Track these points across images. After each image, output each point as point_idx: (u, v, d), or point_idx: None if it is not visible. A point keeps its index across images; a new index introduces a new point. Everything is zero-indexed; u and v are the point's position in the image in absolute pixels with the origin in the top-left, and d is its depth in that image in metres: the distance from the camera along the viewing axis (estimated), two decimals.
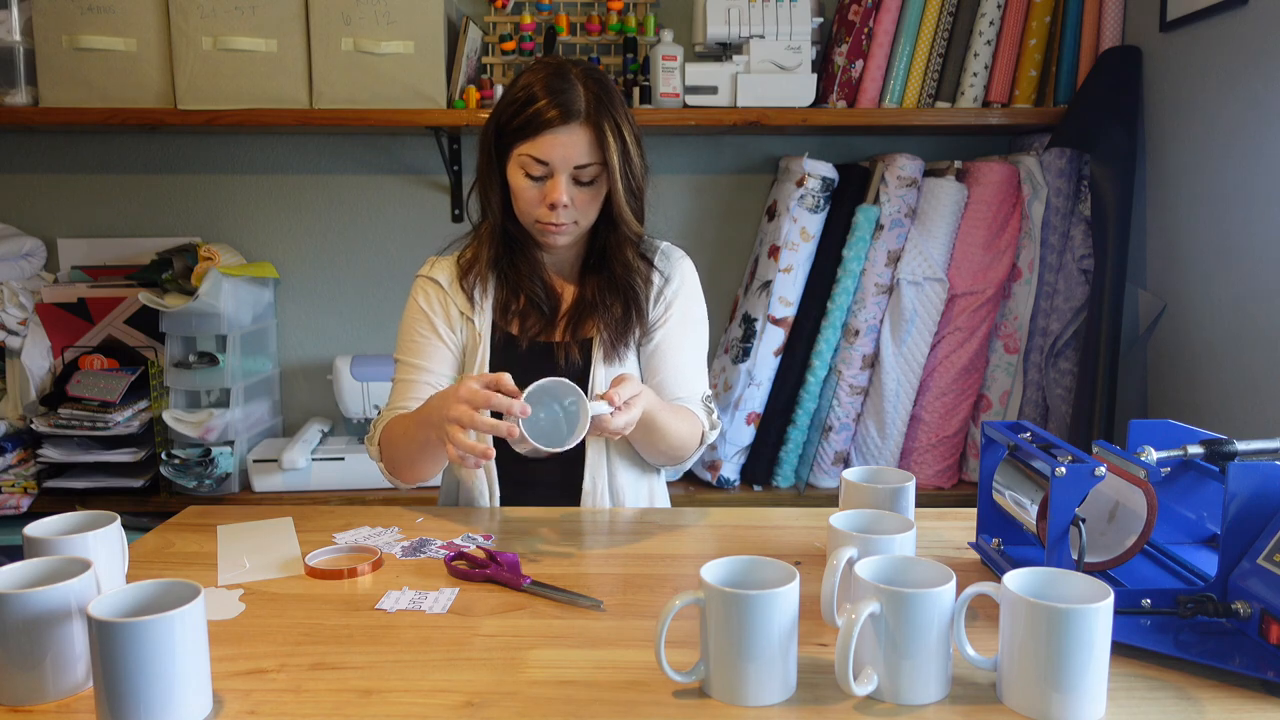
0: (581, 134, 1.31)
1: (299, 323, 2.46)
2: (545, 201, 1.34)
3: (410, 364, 1.44)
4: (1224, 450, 1.01)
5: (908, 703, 0.84)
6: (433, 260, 1.51)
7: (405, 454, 1.35)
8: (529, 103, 1.31)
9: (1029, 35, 2.19)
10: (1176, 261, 1.98)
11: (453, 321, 1.45)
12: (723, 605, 0.84)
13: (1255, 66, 1.73)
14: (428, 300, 1.46)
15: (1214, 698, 0.86)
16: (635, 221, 1.40)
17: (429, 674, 0.91)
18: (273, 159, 2.39)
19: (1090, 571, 0.92)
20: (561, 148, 1.31)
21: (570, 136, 1.31)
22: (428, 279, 1.47)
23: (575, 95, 1.31)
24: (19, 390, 2.14)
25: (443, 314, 1.45)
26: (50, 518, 1.03)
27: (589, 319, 1.43)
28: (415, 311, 1.47)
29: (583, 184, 1.34)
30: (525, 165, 1.33)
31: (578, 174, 1.33)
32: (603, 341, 1.42)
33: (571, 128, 1.31)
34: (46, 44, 2.06)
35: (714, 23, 2.13)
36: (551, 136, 1.30)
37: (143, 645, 0.79)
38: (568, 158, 1.32)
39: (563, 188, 1.32)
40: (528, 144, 1.32)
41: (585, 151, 1.32)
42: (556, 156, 1.31)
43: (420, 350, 1.44)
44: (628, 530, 1.32)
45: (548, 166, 1.32)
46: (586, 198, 1.35)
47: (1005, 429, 1.12)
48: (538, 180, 1.34)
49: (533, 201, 1.35)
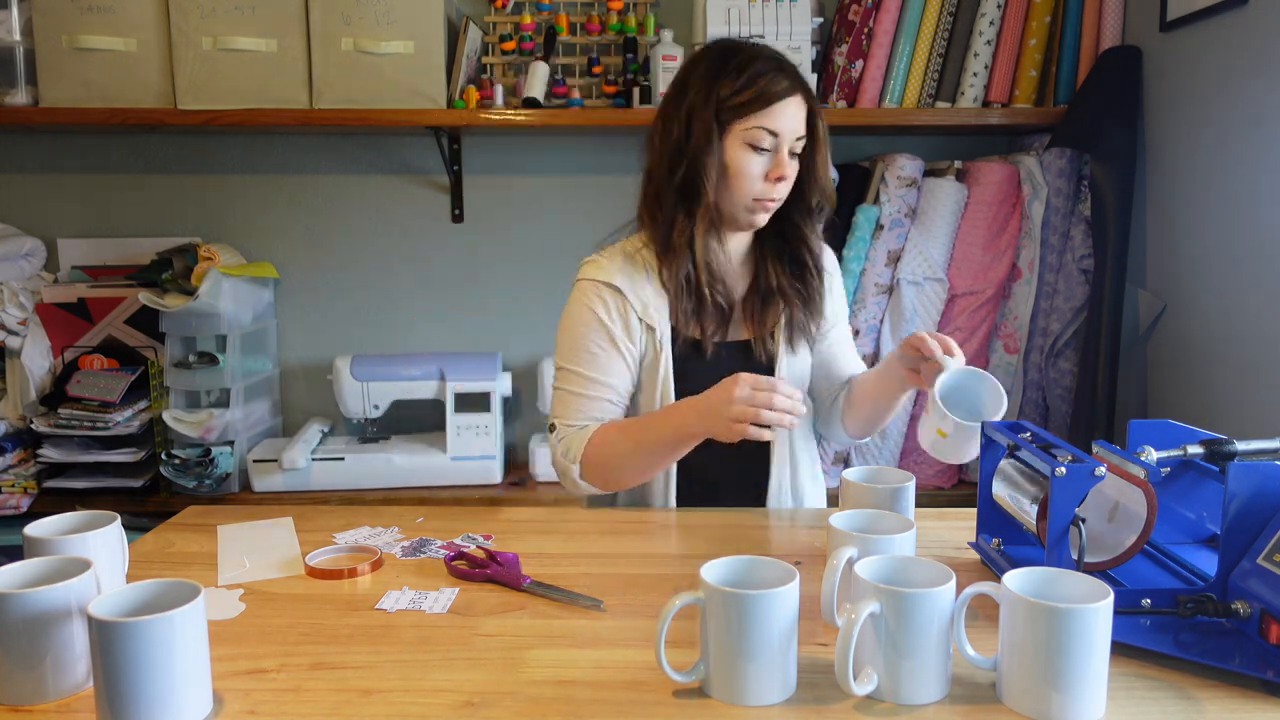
0: (800, 106, 1.33)
1: (299, 323, 2.46)
2: (773, 175, 1.33)
3: (587, 377, 1.37)
4: (1224, 450, 1.01)
5: (908, 703, 0.84)
6: (596, 261, 1.42)
7: (629, 465, 1.33)
8: (757, 76, 1.31)
9: (1029, 35, 2.19)
10: (1176, 261, 1.98)
11: (632, 331, 1.38)
12: (723, 605, 0.84)
13: (1255, 66, 1.73)
14: (606, 310, 1.38)
15: (1214, 697, 0.86)
16: (833, 195, 1.42)
17: (429, 674, 0.91)
18: (273, 159, 2.39)
19: (1090, 571, 0.92)
20: (789, 118, 1.32)
21: (797, 108, 1.33)
22: (604, 285, 1.39)
23: (787, 69, 1.33)
24: (19, 390, 2.14)
25: (622, 324, 1.38)
26: (50, 518, 1.03)
27: (773, 306, 1.42)
28: (590, 321, 1.38)
29: (794, 155, 1.35)
30: (754, 139, 1.32)
31: (795, 146, 1.34)
32: (787, 330, 1.42)
33: (797, 99, 1.32)
34: (46, 44, 2.06)
35: (714, 23, 2.13)
36: (783, 106, 1.31)
37: (143, 645, 0.79)
38: (794, 128, 1.33)
39: (787, 160, 1.33)
40: (758, 116, 1.31)
41: (803, 123, 1.34)
42: (788, 127, 1.32)
43: (595, 363, 1.37)
44: (628, 530, 1.32)
45: (777, 138, 1.32)
46: (794, 171, 1.36)
47: (1005, 429, 1.12)
48: (763, 153, 1.33)
49: (756, 177, 1.33)
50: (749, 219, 1.38)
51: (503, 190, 2.42)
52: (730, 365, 1.34)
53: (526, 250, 2.44)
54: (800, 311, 1.42)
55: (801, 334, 1.43)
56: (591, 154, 2.41)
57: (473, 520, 1.34)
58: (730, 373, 1.25)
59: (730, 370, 1.27)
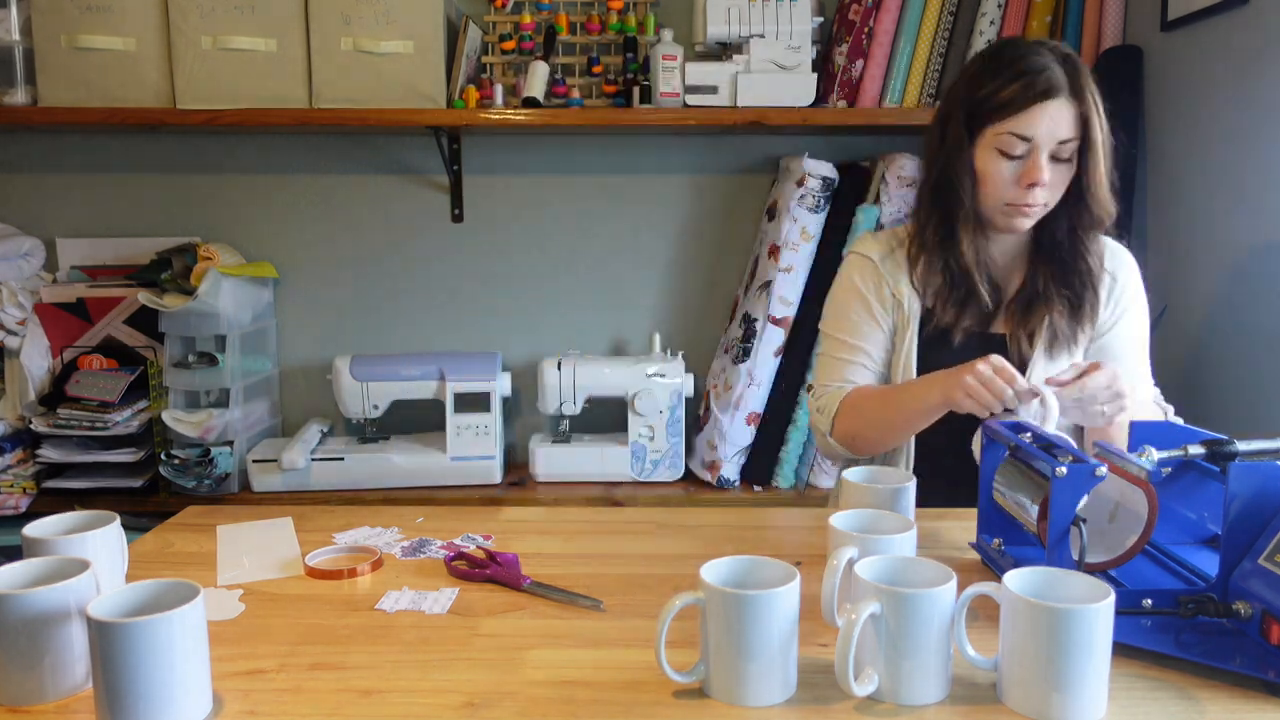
0: (1066, 108, 1.29)
1: (298, 323, 2.46)
2: (1024, 181, 1.31)
3: (845, 342, 1.46)
4: (1225, 450, 1.01)
5: (908, 703, 0.84)
6: (864, 238, 1.51)
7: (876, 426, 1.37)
8: (1012, 79, 1.30)
9: (1029, 35, 2.18)
10: (1176, 261, 1.98)
11: (885, 302, 1.45)
12: (723, 605, 0.84)
13: (1255, 66, 1.73)
14: (863, 278, 1.46)
15: (1215, 698, 0.86)
16: (1112, 202, 1.36)
17: (429, 674, 0.91)
18: (272, 159, 2.39)
19: (1091, 572, 0.91)
20: (1048, 122, 1.29)
21: (1057, 111, 1.29)
22: (862, 256, 1.47)
23: (1056, 70, 1.30)
24: (18, 390, 2.14)
25: (876, 293, 1.45)
26: (49, 518, 1.02)
27: (1038, 309, 1.40)
28: (850, 289, 1.47)
29: (1060, 161, 1.32)
30: (1004, 144, 1.31)
31: (1058, 150, 1.31)
32: (1049, 335, 1.39)
33: (1058, 102, 1.29)
34: (46, 43, 2.06)
35: (714, 22, 2.13)
36: (1039, 110, 1.29)
37: (142, 645, 0.79)
38: (1053, 132, 1.29)
39: (1043, 165, 1.30)
40: (1010, 120, 1.30)
41: (1068, 126, 1.30)
42: (1042, 131, 1.29)
43: (856, 330, 1.45)
44: (628, 530, 1.32)
45: (1030, 143, 1.30)
46: (1060, 177, 1.33)
47: (1006, 429, 1.12)
48: (1016, 159, 1.32)
49: (1006, 182, 1.33)
50: (1006, 223, 1.37)
51: (503, 190, 2.42)
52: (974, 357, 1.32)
53: (526, 250, 2.44)
54: (1065, 320, 1.39)
55: (1065, 342, 1.40)
56: (591, 154, 2.41)
57: (473, 520, 1.34)
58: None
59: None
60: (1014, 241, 1.43)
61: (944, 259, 1.41)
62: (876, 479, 1.20)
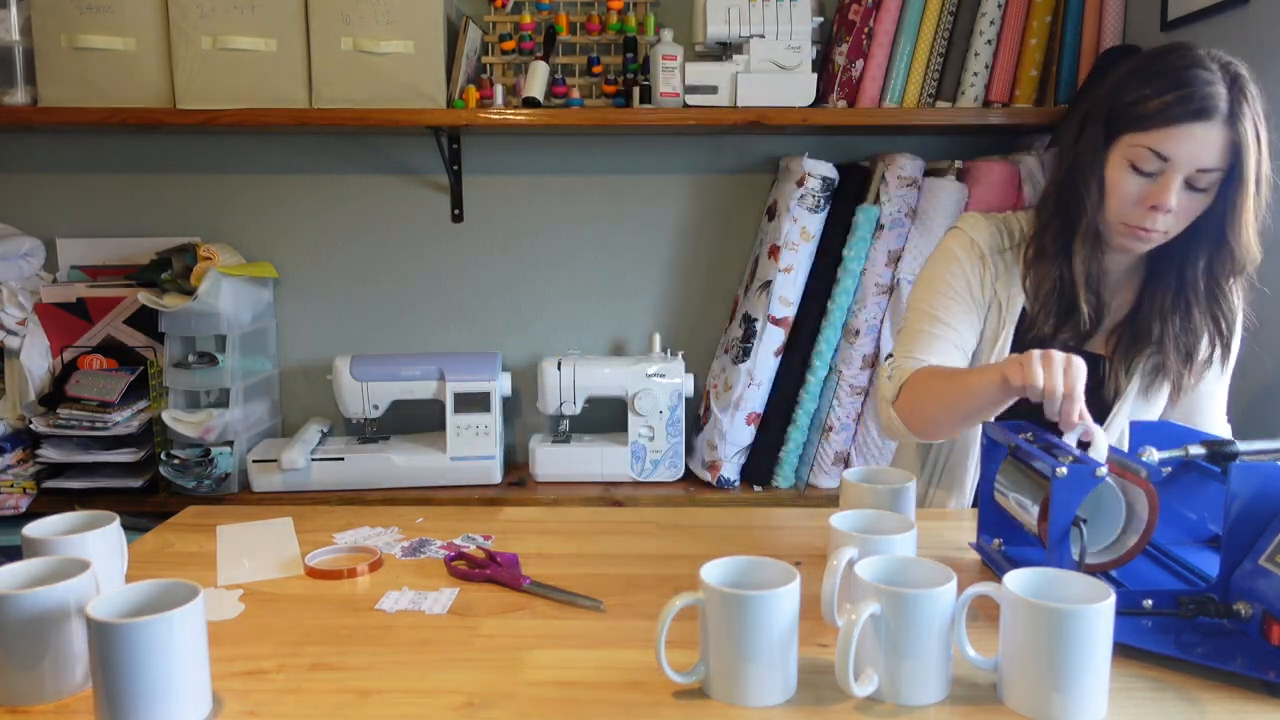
0: (1217, 134, 1.17)
1: (298, 323, 2.46)
2: (1148, 202, 1.21)
3: (936, 317, 1.36)
4: (1225, 451, 1.01)
5: (908, 703, 0.84)
6: (976, 217, 1.41)
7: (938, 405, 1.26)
8: (1164, 90, 1.18)
9: (1029, 35, 2.18)
10: None
11: (984, 291, 1.36)
12: (723, 605, 0.84)
13: (1255, 66, 1.72)
14: (969, 260, 1.37)
15: (1215, 698, 0.85)
16: (1255, 248, 1.24)
17: (429, 674, 0.91)
18: (272, 159, 2.39)
19: (1091, 572, 0.91)
20: (1193, 144, 1.17)
21: (1205, 134, 1.16)
22: (970, 239, 1.38)
23: (1217, 90, 1.16)
24: (18, 390, 2.14)
25: (978, 279, 1.36)
26: (49, 518, 1.02)
27: (1144, 342, 1.31)
28: (953, 264, 1.37)
29: (1196, 190, 1.20)
30: (1138, 158, 1.20)
31: (1195, 178, 1.19)
32: (1151, 373, 1.31)
33: (1209, 125, 1.16)
34: (45, 43, 2.06)
35: (714, 22, 2.13)
36: (1185, 130, 1.17)
37: (142, 646, 0.79)
38: (1195, 156, 1.17)
39: (1174, 190, 1.19)
40: (1150, 135, 1.18)
41: (1216, 155, 1.17)
42: (1183, 154, 1.17)
43: (950, 307, 1.36)
44: (628, 530, 1.32)
45: (1166, 163, 1.18)
46: (1193, 207, 1.21)
47: (1006, 429, 1.12)
48: (1147, 176, 1.21)
49: (1131, 199, 1.22)
50: (1120, 242, 1.27)
51: (503, 190, 2.42)
52: None
53: (526, 250, 2.44)
54: (1174, 361, 1.31)
55: (1165, 381, 1.32)
56: (591, 154, 2.41)
57: (473, 520, 1.34)
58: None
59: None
60: (1131, 258, 1.33)
61: (1057, 267, 1.31)
62: (876, 479, 1.20)
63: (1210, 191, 1.21)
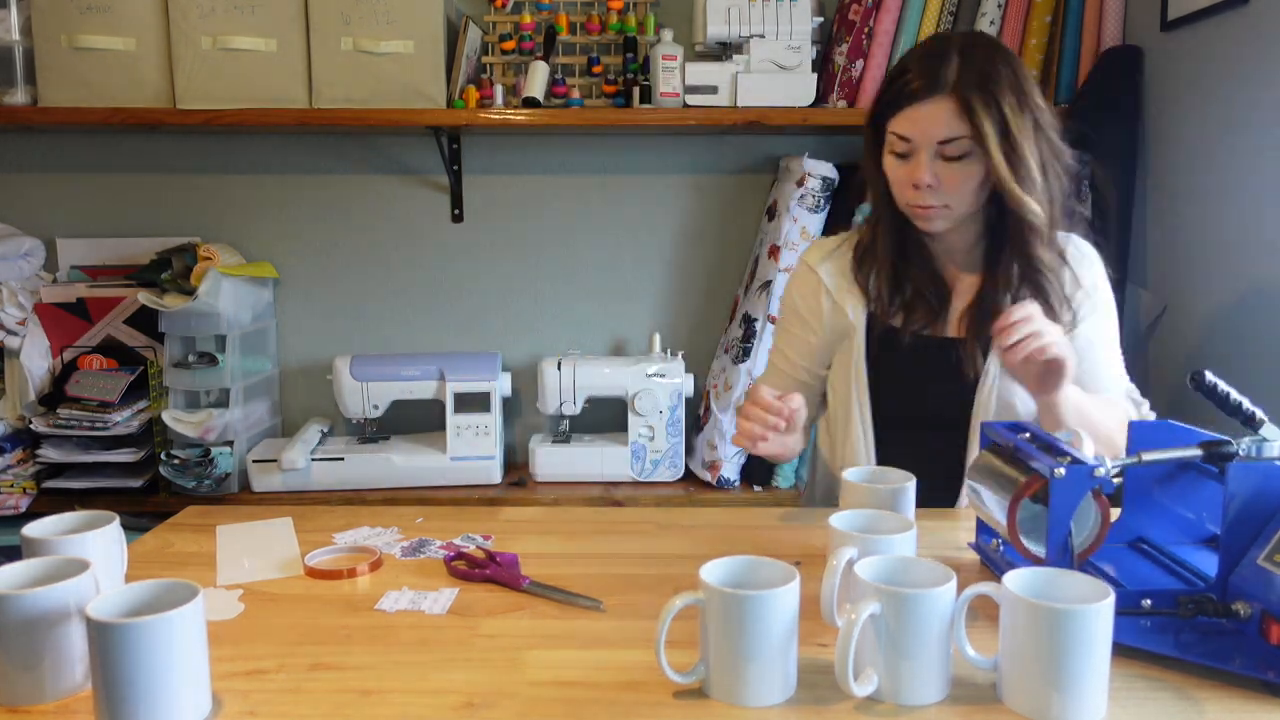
0: (946, 106, 1.23)
1: (299, 323, 2.46)
2: (910, 182, 1.28)
3: (777, 348, 1.50)
4: (1223, 451, 1.01)
5: (908, 703, 0.84)
6: (819, 242, 1.50)
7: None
8: (898, 76, 1.27)
9: (1029, 35, 2.18)
10: (1176, 261, 1.98)
11: (820, 310, 1.43)
12: (723, 605, 0.84)
13: (1255, 66, 1.73)
14: (800, 286, 1.47)
15: (1214, 698, 0.86)
16: (1032, 203, 1.26)
17: (429, 674, 0.91)
18: (272, 159, 2.39)
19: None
20: (923, 121, 1.24)
21: (933, 109, 1.24)
22: (803, 263, 1.48)
23: (944, 68, 1.24)
24: (18, 390, 2.14)
25: (809, 302, 1.44)
26: (49, 518, 1.02)
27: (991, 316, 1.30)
28: (788, 297, 1.49)
29: (951, 160, 1.26)
30: (893, 145, 1.29)
31: (943, 149, 1.25)
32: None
33: (936, 101, 1.23)
34: (46, 43, 2.06)
35: (714, 22, 2.13)
36: (913, 110, 1.25)
37: (141, 646, 0.79)
38: (929, 132, 1.24)
39: (925, 165, 1.26)
40: (893, 121, 1.27)
41: (948, 125, 1.24)
42: (917, 131, 1.25)
43: (785, 337, 1.48)
44: (628, 530, 1.32)
45: (910, 143, 1.27)
46: (958, 177, 1.26)
47: (1005, 429, 1.12)
48: (903, 158, 1.29)
49: (901, 182, 1.30)
50: (915, 223, 1.33)
51: (503, 190, 2.42)
52: (927, 358, 1.34)
53: (526, 250, 2.44)
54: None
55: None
56: (591, 154, 2.41)
57: (473, 520, 1.34)
58: (925, 365, 1.29)
59: (925, 363, 1.31)
60: (965, 241, 1.38)
61: (888, 262, 1.38)
62: (876, 479, 1.20)
63: (970, 158, 1.26)
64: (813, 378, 1.46)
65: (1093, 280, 1.39)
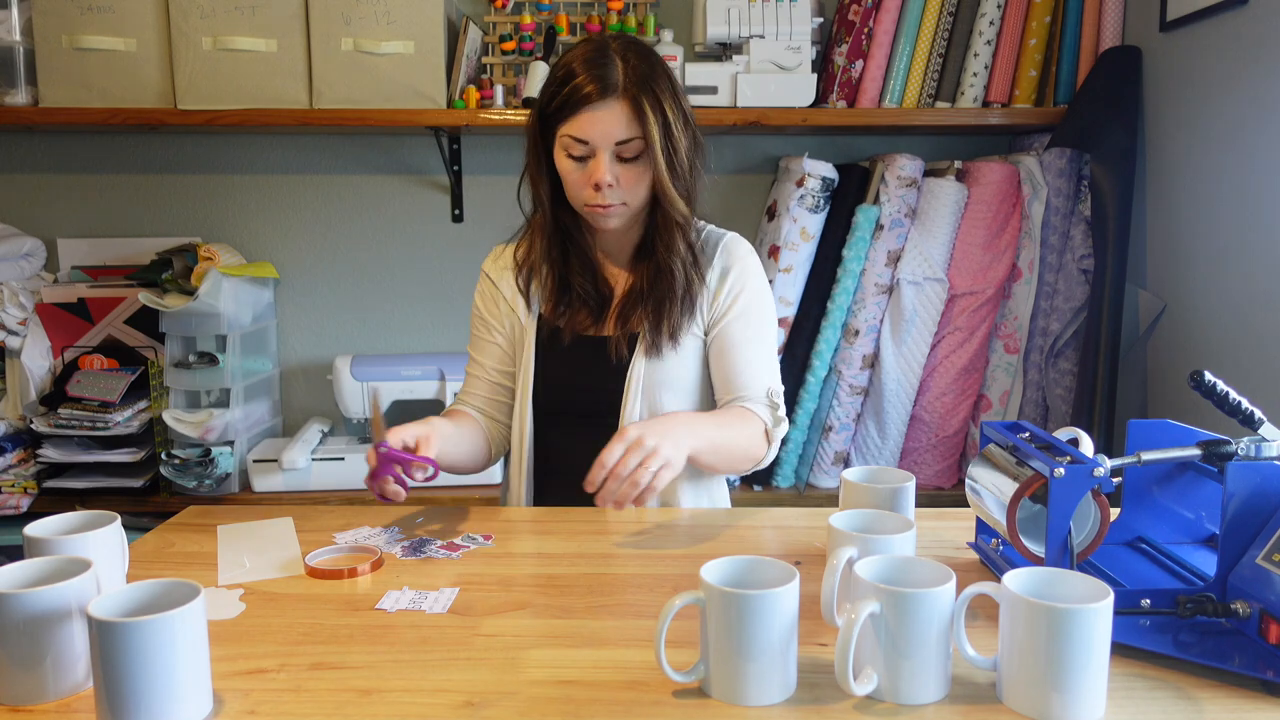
0: (620, 108, 1.29)
1: (299, 323, 2.46)
2: (590, 182, 1.31)
3: (471, 356, 1.51)
4: (1222, 450, 1.01)
5: (908, 703, 0.84)
6: (498, 249, 1.52)
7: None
8: (567, 81, 1.30)
9: (1029, 35, 2.19)
10: (1176, 261, 1.98)
11: (501, 316, 1.48)
12: (723, 605, 0.84)
13: (1255, 66, 1.73)
14: (481, 295, 1.50)
15: (1213, 698, 0.86)
16: (680, 201, 1.35)
17: (429, 674, 0.91)
18: (273, 159, 2.39)
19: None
20: (601, 124, 1.29)
21: (609, 112, 1.28)
22: (482, 271, 1.51)
23: (612, 69, 1.29)
24: (19, 390, 2.14)
25: (490, 308, 1.48)
26: (50, 518, 1.03)
27: (637, 311, 1.41)
28: (475, 304, 1.51)
29: (626, 160, 1.31)
30: (568, 146, 1.32)
31: (620, 150, 1.30)
32: (645, 334, 1.39)
33: (609, 103, 1.28)
34: (46, 44, 2.06)
35: (714, 23, 2.13)
36: (590, 113, 1.28)
37: (143, 645, 0.79)
38: (608, 133, 1.29)
39: (605, 166, 1.30)
40: (567, 124, 1.30)
41: (625, 126, 1.29)
42: (596, 133, 1.29)
43: (476, 345, 1.51)
44: (628, 530, 1.32)
45: (588, 145, 1.30)
46: (633, 176, 1.32)
47: (1005, 429, 1.12)
48: (581, 161, 1.32)
49: (579, 184, 1.33)
50: (593, 223, 1.38)
51: (503, 190, 2.42)
52: (583, 358, 1.40)
53: None
54: (656, 319, 1.38)
55: (666, 340, 1.38)
56: None
57: (473, 520, 1.34)
58: (581, 365, 1.36)
59: (581, 363, 1.38)
60: (623, 241, 1.43)
61: (548, 264, 1.42)
62: (876, 479, 1.20)
63: (643, 159, 1.32)
64: (507, 379, 1.49)
65: (736, 278, 1.43)
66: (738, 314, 1.41)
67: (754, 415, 1.37)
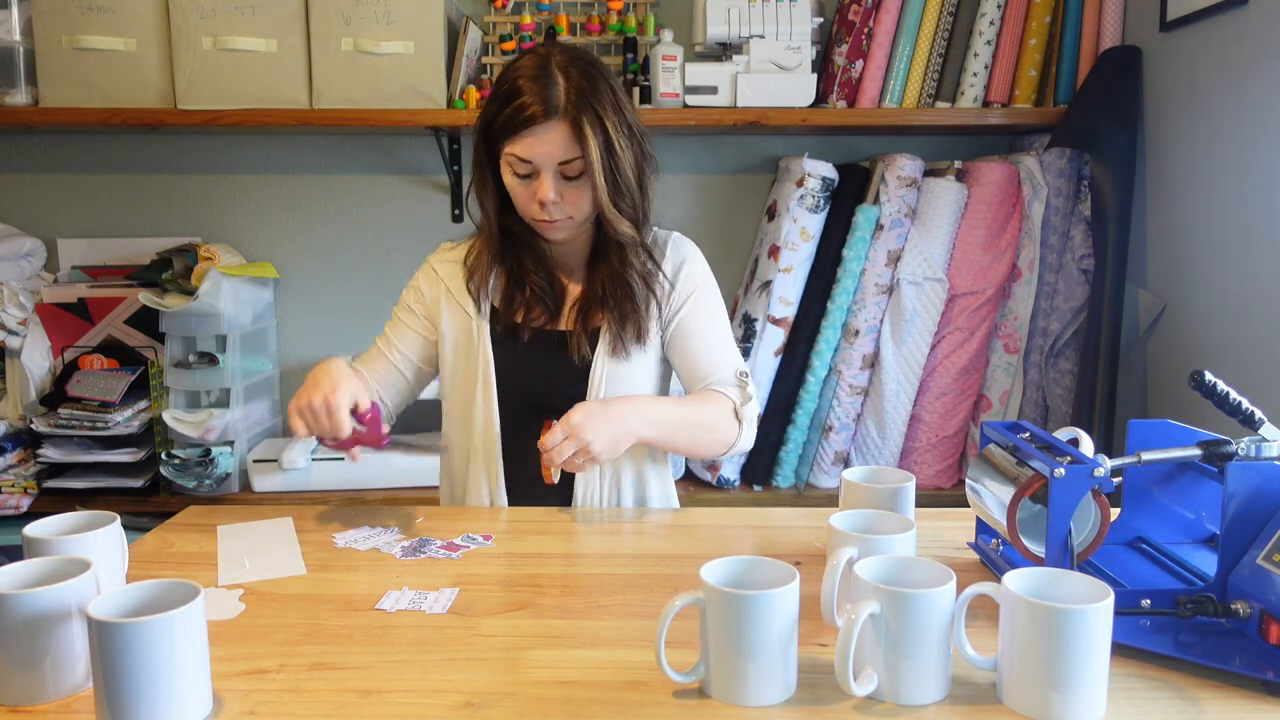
0: (561, 129, 1.29)
1: (299, 323, 2.46)
2: (535, 200, 1.32)
3: (385, 336, 1.51)
4: (1223, 451, 1.01)
5: (908, 703, 0.84)
6: (445, 246, 1.53)
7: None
8: (509, 100, 1.30)
9: (1029, 35, 2.19)
10: (1176, 261, 1.98)
11: (436, 310, 1.47)
12: (723, 605, 0.84)
13: (1255, 66, 1.73)
14: (423, 283, 1.50)
15: (1214, 698, 0.86)
16: (624, 223, 1.36)
17: (429, 674, 0.91)
18: (273, 159, 2.39)
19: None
20: (543, 145, 1.29)
21: (551, 133, 1.29)
22: (428, 263, 1.51)
23: (554, 90, 1.28)
24: (19, 390, 2.14)
25: (425, 300, 1.48)
26: (50, 518, 1.03)
27: (597, 310, 1.42)
28: (412, 293, 1.51)
29: (571, 179, 1.32)
30: (513, 165, 1.32)
31: (563, 169, 1.31)
32: (608, 335, 1.41)
33: (551, 124, 1.28)
34: (46, 44, 2.06)
35: (714, 23, 2.13)
36: (531, 136, 1.29)
37: (142, 645, 0.79)
38: (550, 154, 1.30)
39: (549, 185, 1.31)
40: (510, 143, 1.31)
41: (565, 147, 1.29)
42: (538, 154, 1.30)
43: (395, 327, 1.50)
44: (628, 530, 1.32)
45: (532, 165, 1.31)
46: (577, 193, 1.33)
47: (1004, 429, 1.12)
48: (526, 179, 1.33)
49: (525, 200, 1.34)
50: (542, 234, 1.39)
51: None
52: (543, 353, 1.42)
53: None
54: (618, 322, 1.41)
55: (629, 342, 1.41)
56: None
57: (473, 520, 1.34)
58: (541, 361, 1.39)
59: (541, 358, 1.40)
60: (576, 245, 1.44)
61: (504, 264, 1.43)
62: (876, 479, 1.20)
63: (586, 175, 1.32)
64: (408, 369, 1.49)
65: (687, 275, 1.47)
66: (693, 306, 1.46)
67: (721, 395, 1.41)
